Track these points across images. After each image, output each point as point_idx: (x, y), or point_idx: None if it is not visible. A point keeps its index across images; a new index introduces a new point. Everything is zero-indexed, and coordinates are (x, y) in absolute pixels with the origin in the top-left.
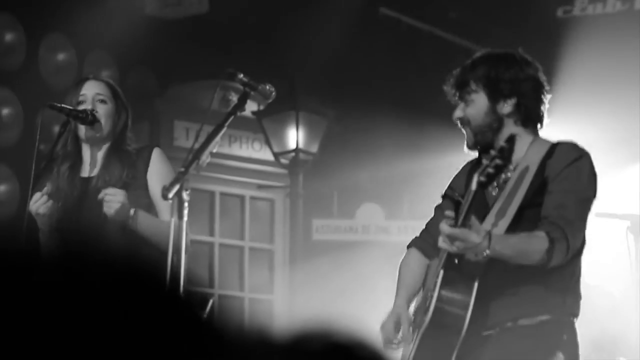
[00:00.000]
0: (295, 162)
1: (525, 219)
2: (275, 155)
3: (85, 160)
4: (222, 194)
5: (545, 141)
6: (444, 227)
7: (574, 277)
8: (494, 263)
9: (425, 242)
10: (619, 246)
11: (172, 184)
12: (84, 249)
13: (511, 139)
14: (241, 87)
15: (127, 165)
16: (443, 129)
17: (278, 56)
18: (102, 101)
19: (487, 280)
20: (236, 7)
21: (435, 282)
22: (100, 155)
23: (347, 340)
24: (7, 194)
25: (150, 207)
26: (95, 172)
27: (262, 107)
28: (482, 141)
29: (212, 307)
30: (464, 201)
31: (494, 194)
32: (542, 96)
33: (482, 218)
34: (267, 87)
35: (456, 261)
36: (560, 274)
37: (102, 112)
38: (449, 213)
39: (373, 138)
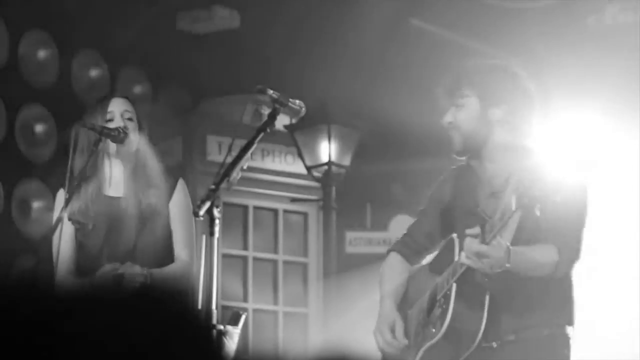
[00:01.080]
0: (328, 175)
1: (525, 230)
2: (308, 168)
3: (108, 177)
4: (256, 208)
5: (532, 150)
6: (473, 245)
7: (571, 286)
8: (502, 275)
9: (407, 248)
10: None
11: (203, 202)
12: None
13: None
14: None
15: (156, 191)
16: None
17: (309, 69)
18: (130, 119)
19: (496, 293)
20: (267, 21)
21: (448, 295)
22: (125, 174)
23: None
24: (41, 211)
25: (166, 238)
26: (122, 192)
27: (294, 121)
28: (471, 147)
29: (245, 322)
30: (498, 219)
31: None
32: (532, 107)
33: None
34: (297, 103)
35: (470, 276)
36: (561, 284)
37: (130, 129)
38: (474, 231)
39: (405, 150)
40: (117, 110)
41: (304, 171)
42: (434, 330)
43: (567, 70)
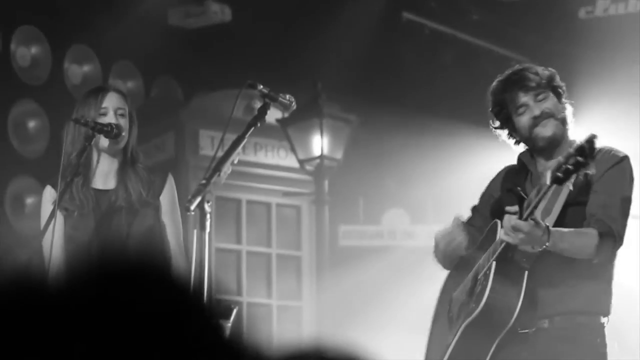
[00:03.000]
0: (320, 168)
1: (569, 217)
2: (301, 162)
3: (97, 171)
4: (249, 202)
5: (573, 141)
6: (511, 219)
7: (611, 276)
8: (543, 257)
9: (473, 228)
10: None
11: (193, 196)
12: (109, 261)
13: (591, 140)
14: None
15: (146, 183)
16: (468, 132)
17: (301, 63)
18: (122, 115)
19: (535, 273)
20: (259, 15)
21: (487, 274)
22: (113, 168)
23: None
24: (35, 207)
25: (153, 229)
26: (111, 185)
27: (286, 115)
28: (560, 136)
29: (237, 315)
30: (534, 195)
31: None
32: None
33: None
34: (287, 97)
35: (510, 254)
36: (601, 272)
37: (123, 125)
38: (513, 208)
39: (398, 143)
40: (111, 106)
41: (296, 165)
42: (474, 305)
43: (558, 63)
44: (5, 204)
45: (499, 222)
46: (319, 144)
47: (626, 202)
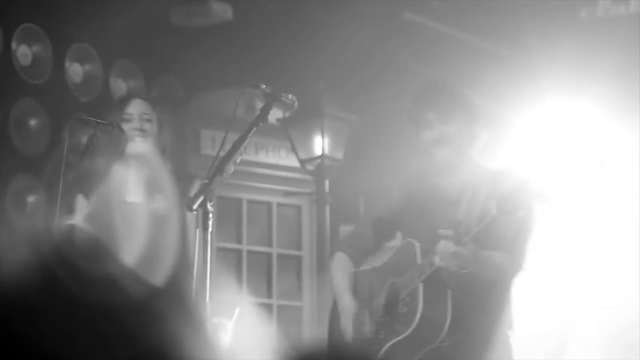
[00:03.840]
0: (321, 168)
1: (485, 237)
2: (301, 162)
3: (125, 183)
4: (250, 201)
5: (484, 165)
6: (449, 246)
7: (511, 292)
8: (462, 276)
9: (353, 249)
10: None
11: (196, 196)
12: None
13: (539, 174)
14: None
15: (163, 193)
16: None
17: (302, 63)
18: (149, 120)
19: (457, 293)
20: (260, 14)
21: (414, 296)
22: (141, 178)
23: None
24: (36, 206)
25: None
26: (139, 197)
27: (287, 115)
28: (450, 161)
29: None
30: (475, 223)
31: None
32: (481, 123)
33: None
34: (290, 97)
35: (436, 275)
36: (504, 290)
37: (149, 130)
38: (446, 232)
39: (398, 142)
40: (136, 112)
41: (297, 165)
42: (400, 327)
43: (559, 63)
44: (6, 203)
45: (416, 243)
46: (320, 143)
47: (530, 225)
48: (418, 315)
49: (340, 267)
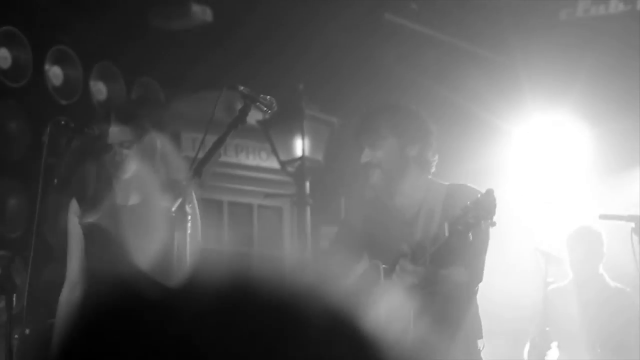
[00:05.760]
0: (301, 170)
1: (441, 255)
2: (282, 163)
3: (120, 186)
4: (230, 203)
5: (439, 183)
6: (408, 266)
7: (476, 303)
8: (425, 294)
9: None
10: (624, 246)
11: (174, 198)
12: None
13: (489, 192)
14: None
15: (167, 193)
16: (445, 134)
17: (282, 65)
18: (128, 148)
19: (421, 310)
20: (240, 16)
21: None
22: (138, 180)
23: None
24: (17, 209)
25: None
26: (136, 200)
27: (267, 117)
28: (390, 183)
29: None
30: (430, 243)
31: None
32: (434, 145)
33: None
34: (268, 98)
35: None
36: (469, 302)
37: (130, 155)
38: (406, 250)
39: None
40: (116, 141)
41: (277, 166)
42: None
43: (538, 63)
44: None
45: (379, 264)
46: (300, 145)
47: (486, 239)
48: None
49: None
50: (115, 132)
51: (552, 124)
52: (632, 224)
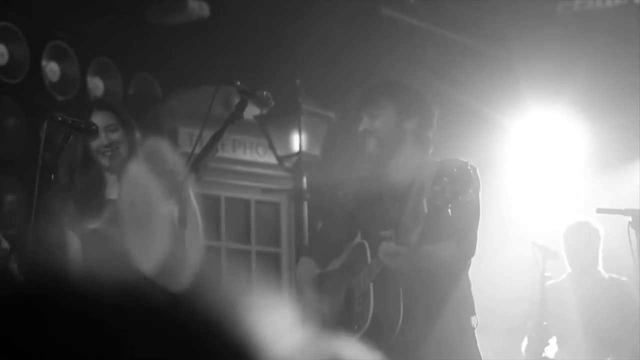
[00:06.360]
0: (298, 165)
1: (428, 232)
2: (279, 158)
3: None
4: (228, 199)
5: (432, 160)
6: (390, 246)
7: (468, 279)
8: (413, 272)
9: (317, 253)
10: (621, 240)
11: (171, 194)
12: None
13: (463, 165)
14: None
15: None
16: (443, 128)
17: (280, 60)
18: (114, 130)
19: (409, 288)
20: (237, 11)
21: (366, 295)
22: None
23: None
24: (14, 205)
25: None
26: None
27: (264, 112)
28: (384, 153)
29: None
30: (411, 222)
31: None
32: (434, 123)
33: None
34: (265, 94)
35: (385, 274)
36: (462, 278)
37: (116, 140)
38: (387, 233)
39: None
40: (101, 125)
41: (275, 162)
42: (356, 326)
43: (536, 57)
44: None
45: (366, 244)
46: (297, 140)
47: (477, 213)
48: (370, 314)
49: (304, 270)
50: (98, 117)
51: (550, 118)
52: (630, 218)
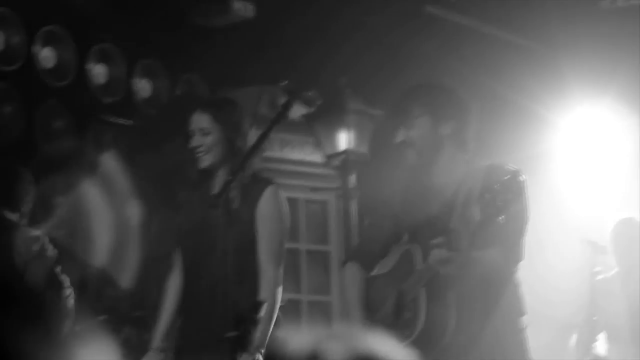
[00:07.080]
0: (346, 163)
1: (478, 238)
2: (327, 157)
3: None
4: None
5: (478, 164)
6: (442, 252)
7: (519, 282)
8: (463, 277)
9: (363, 257)
10: None
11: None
12: None
13: (515, 174)
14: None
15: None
16: (490, 124)
17: (325, 58)
18: (208, 134)
19: (460, 293)
20: (281, 11)
21: (417, 301)
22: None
23: None
24: (61, 208)
25: (251, 245)
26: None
27: (310, 111)
28: (425, 162)
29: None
30: (463, 229)
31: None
32: (473, 124)
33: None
34: (311, 94)
35: (435, 279)
36: (511, 282)
37: (209, 144)
38: (439, 240)
39: None
40: (196, 127)
41: (322, 160)
42: (407, 332)
43: (582, 53)
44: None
45: (415, 250)
46: (345, 138)
47: (525, 218)
48: (421, 320)
49: (351, 278)
50: (196, 118)
51: (597, 114)
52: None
